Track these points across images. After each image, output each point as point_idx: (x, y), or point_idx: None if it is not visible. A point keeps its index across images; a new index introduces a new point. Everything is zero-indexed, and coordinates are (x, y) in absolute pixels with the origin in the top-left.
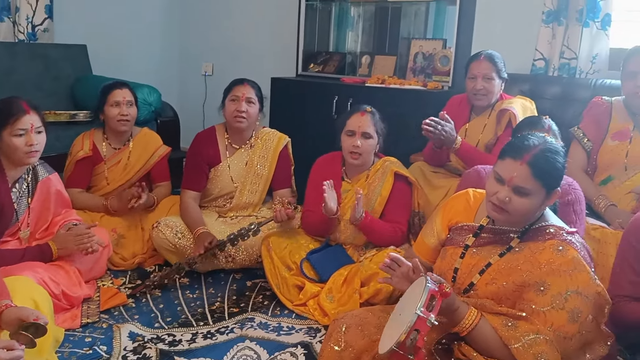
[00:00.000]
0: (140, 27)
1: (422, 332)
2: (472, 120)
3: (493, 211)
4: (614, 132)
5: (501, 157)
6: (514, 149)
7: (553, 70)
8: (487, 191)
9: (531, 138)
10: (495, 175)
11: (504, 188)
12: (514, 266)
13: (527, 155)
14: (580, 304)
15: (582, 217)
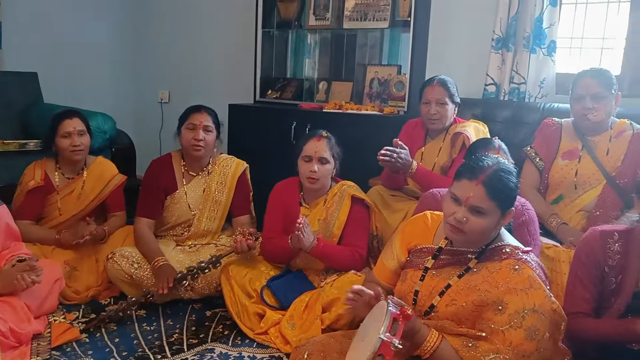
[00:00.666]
0: (93, 54)
1: (387, 356)
2: (428, 144)
3: (451, 232)
4: (564, 152)
5: (457, 179)
6: (469, 170)
7: (504, 94)
8: (444, 212)
9: (485, 159)
10: (451, 196)
11: (461, 208)
12: (472, 286)
13: (482, 175)
14: (537, 321)
15: (536, 237)
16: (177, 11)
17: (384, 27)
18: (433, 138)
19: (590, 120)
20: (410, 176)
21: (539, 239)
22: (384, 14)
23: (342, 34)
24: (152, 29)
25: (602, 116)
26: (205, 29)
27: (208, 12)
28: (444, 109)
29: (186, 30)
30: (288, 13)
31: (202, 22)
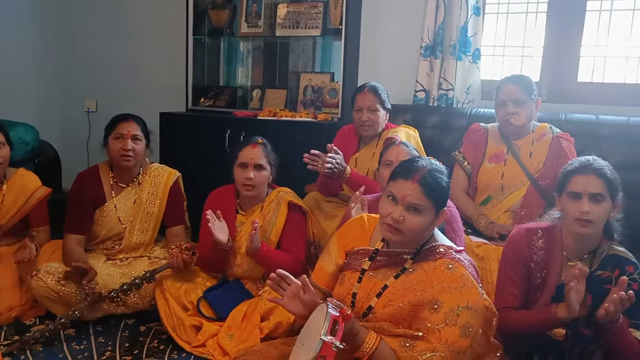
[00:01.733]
0: (14, 63)
1: (329, 357)
2: (362, 150)
3: (388, 232)
4: (491, 156)
5: (393, 179)
6: (405, 170)
7: (433, 100)
8: (381, 213)
9: (419, 160)
10: (388, 195)
11: (398, 207)
12: (408, 287)
13: (418, 175)
14: (471, 318)
15: (460, 233)
16: (104, 17)
17: (316, 35)
18: (366, 144)
19: (513, 125)
20: (345, 181)
21: (463, 235)
22: (315, 22)
23: (274, 42)
24: (78, 35)
25: (523, 120)
26: (135, 35)
27: (137, 19)
28: (376, 115)
29: (115, 36)
30: (219, 20)
31: (131, 29)
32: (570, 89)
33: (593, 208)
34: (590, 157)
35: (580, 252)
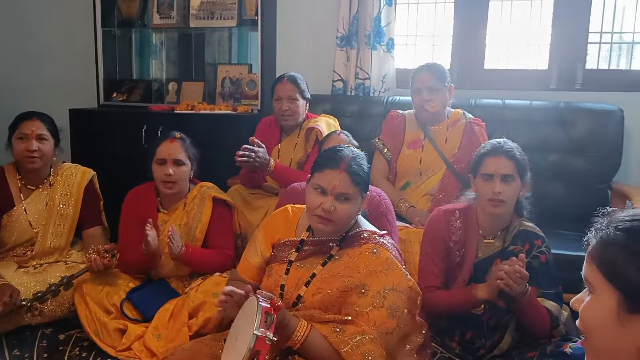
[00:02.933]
0: None
1: (263, 351)
2: (284, 141)
3: (320, 223)
4: (409, 142)
5: (318, 170)
6: (331, 160)
7: (350, 90)
8: (309, 205)
9: (342, 149)
10: (316, 188)
11: (328, 198)
12: (335, 273)
13: (344, 164)
14: (397, 299)
15: (394, 225)
16: (6, 8)
17: (232, 26)
18: (288, 134)
19: (428, 111)
20: (269, 174)
21: (396, 225)
22: (231, 13)
23: (189, 33)
24: None
25: (438, 107)
26: (39, 28)
27: (41, 10)
28: (295, 105)
29: (17, 29)
30: (130, 11)
31: (35, 21)
32: (478, 76)
33: (504, 188)
34: (501, 140)
35: (494, 230)
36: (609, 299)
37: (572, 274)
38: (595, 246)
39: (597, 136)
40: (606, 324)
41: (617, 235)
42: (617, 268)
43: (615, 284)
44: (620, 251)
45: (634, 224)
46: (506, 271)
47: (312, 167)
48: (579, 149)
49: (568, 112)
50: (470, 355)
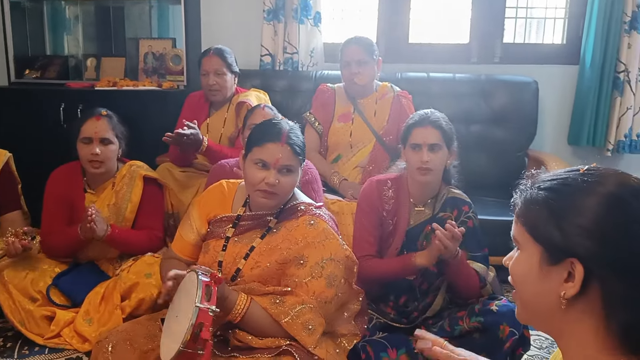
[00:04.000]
0: None
1: (207, 323)
2: (213, 116)
3: (264, 198)
4: (339, 115)
5: (258, 144)
6: (271, 134)
7: (279, 64)
8: (251, 181)
9: (279, 122)
10: (257, 162)
11: (271, 172)
12: (274, 246)
13: (284, 136)
14: (335, 269)
15: (320, 193)
16: None
17: None
18: (217, 109)
19: (358, 84)
20: (201, 153)
21: (322, 195)
22: None
23: (106, 6)
24: None
25: (367, 80)
26: None
27: None
28: (223, 79)
29: None
30: None
31: None
32: (403, 50)
33: (432, 157)
34: (429, 111)
35: (425, 198)
36: (533, 254)
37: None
38: (520, 206)
39: (514, 107)
40: (531, 276)
41: (539, 194)
42: (539, 224)
43: (537, 239)
44: (541, 209)
45: (553, 183)
46: (443, 234)
47: (249, 141)
48: (499, 119)
49: (488, 84)
50: (405, 319)
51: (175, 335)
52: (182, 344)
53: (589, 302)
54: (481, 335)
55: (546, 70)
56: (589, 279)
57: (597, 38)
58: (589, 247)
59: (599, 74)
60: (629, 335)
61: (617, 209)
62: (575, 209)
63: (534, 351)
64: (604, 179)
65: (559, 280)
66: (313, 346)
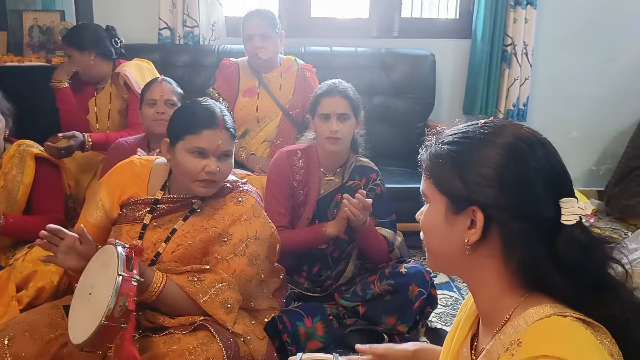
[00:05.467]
0: None
1: (131, 293)
2: (99, 93)
3: (204, 188)
4: (244, 90)
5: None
6: (207, 120)
7: (179, 38)
8: (190, 171)
9: (208, 105)
10: (193, 151)
11: (211, 160)
12: (199, 227)
13: (220, 120)
14: (258, 248)
15: None
16: None
17: None
18: (102, 86)
19: (262, 58)
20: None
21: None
22: None
23: None
24: None
25: (270, 54)
26: None
27: None
28: None
29: None
30: None
31: None
32: (306, 24)
33: (340, 126)
34: (336, 81)
35: (334, 167)
36: (439, 205)
37: (400, 204)
38: (427, 161)
39: (414, 79)
40: (438, 226)
41: (442, 148)
42: (443, 176)
43: (442, 190)
44: (445, 161)
45: (454, 137)
46: (353, 203)
47: (176, 128)
48: (399, 91)
49: (388, 57)
50: (318, 287)
51: (93, 312)
52: (105, 317)
53: (490, 245)
54: (392, 297)
55: (442, 43)
56: (489, 224)
57: (487, 13)
58: (489, 194)
59: (489, 47)
60: (526, 272)
61: (513, 157)
62: (475, 159)
63: (440, 309)
64: (500, 130)
65: (463, 228)
66: (232, 324)
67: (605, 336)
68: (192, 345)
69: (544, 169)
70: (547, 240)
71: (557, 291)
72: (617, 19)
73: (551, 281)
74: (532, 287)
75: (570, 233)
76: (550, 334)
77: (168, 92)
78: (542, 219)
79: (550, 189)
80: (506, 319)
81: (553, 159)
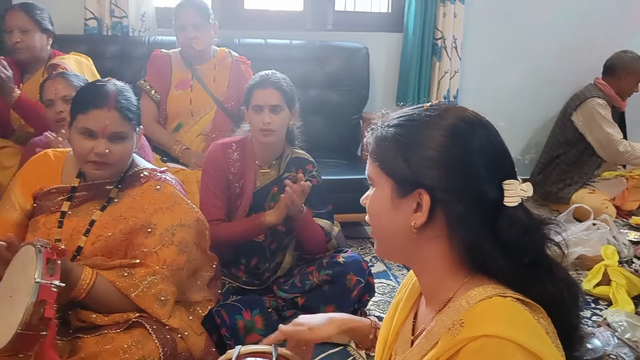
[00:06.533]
0: None
1: (49, 300)
2: (27, 82)
3: (95, 169)
4: (177, 82)
5: (82, 111)
6: (95, 98)
7: (107, 29)
8: (79, 152)
9: (105, 84)
10: (82, 132)
11: (100, 141)
12: (118, 216)
13: (111, 100)
14: (186, 234)
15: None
16: None
17: None
18: (31, 74)
19: (195, 49)
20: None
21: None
22: None
23: None
24: None
25: (204, 44)
26: None
27: None
28: (29, 37)
29: None
30: None
31: None
32: (240, 15)
33: (274, 118)
34: (269, 72)
35: (269, 159)
36: (385, 189)
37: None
38: (372, 144)
39: (348, 72)
40: (384, 210)
41: (388, 131)
42: (389, 159)
43: (388, 173)
44: (390, 144)
45: (400, 120)
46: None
47: (72, 108)
48: (334, 84)
49: (323, 50)
50: (257, 280)
51: (10, 318)
52: (21, 326)
53: (436, 227)
54: (330, 286)
55: (375, 37)
56: (434, 206)
57: (417, 7)
58: (434, 176)
59: (420, 41)
60: (470, 253)
61: (457, 139)
62: (420, 141)
63: (378, 297)
64: (445, 113)
65: (409, 211)
66: (167, 317)
67: (542, 315)
68: (127, 344)
69: (486, 151)
70: (490, 222)
71: (498, 272)
72: (541, 14)
73: (493, 262)
74: (476, 268)
75: (513, 214)
76: (492, 314)
77: (63, 88)
78: (485, 200)
79: (493, 170)
80: (448, 299)
81: (496, 141)
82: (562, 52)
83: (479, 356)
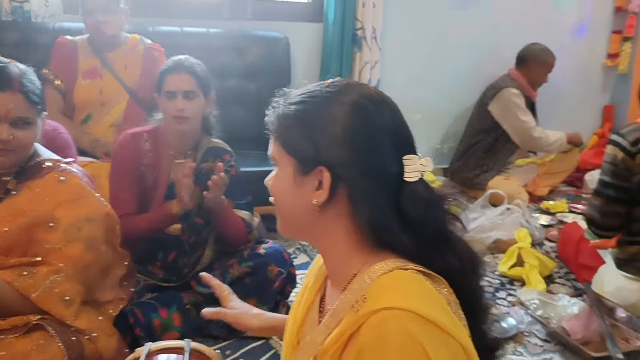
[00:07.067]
0: None
1: None
2: None
3: None
4: (84, 71)
5: None
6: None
7: (6, 14)
8: None
9: (6, 65)
10: None
11: (2, 126)
12: (15, 210)
13: (15, 82)
14: (94, 229)
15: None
16: None
17: None
18: None
19: (106, 34)
20: None
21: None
22: None
23: None
24: None
25: (115, 29)
26: None
27: None
28: None
29: None
30: None
31: None
32: (154, 3)
33: (187, 105)
34: (183, 57)
35: (185, 149)
36: (288, 167)
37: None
38: (274, 122)
39: (268, 62)
40: (287, 189)
41: (289, 108)
42: (290, 137)
43: (290, 152)
44: (292, 122)
45: (301, 97)
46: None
47: None
48: (254, 73)
49: (242, 40)
50: (174, 277)
51: None
52: None
53: (339, 205)
54: (251, 278)
55: (295, 26)
56: (336, 183)
57: None
58: (335, 153)
59: (340, 31)
60: (373, 229)
61: (359, 115)
62: (321, 118)
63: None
64: (346, 89)
65: (311, 189)
66: (72, 319)
67: (444, 286)
68: (27, 349)
69: (388, 127)
70: (392, 198)
71: (401, 246)
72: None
73: (396, 237)
74: (379, 244)
75: (413, 189)
76: (392, 286)
77: None
78: (387, 175)
79: (394, 146)
80: (352, 277)
81: (397, 117)
82: (478, 43)
83: (380, 328)
